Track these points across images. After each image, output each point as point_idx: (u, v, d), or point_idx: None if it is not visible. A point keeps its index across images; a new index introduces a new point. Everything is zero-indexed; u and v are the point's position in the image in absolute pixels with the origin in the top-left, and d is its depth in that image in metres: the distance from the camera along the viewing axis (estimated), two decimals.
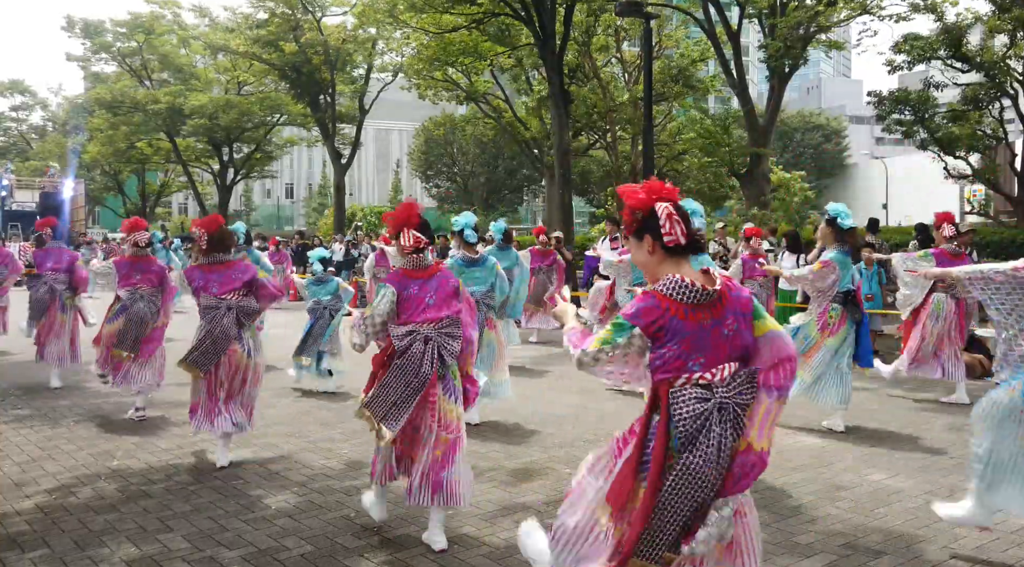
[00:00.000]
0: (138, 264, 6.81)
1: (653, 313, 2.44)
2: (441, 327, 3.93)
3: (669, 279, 2.47)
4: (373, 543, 4.05)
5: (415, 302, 3.91)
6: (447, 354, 3.91)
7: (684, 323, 2.42)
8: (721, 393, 2.42)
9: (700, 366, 2.44)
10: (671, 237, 2.49)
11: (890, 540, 4.04)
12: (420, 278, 3.96)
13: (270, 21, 30.75)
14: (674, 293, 2.44)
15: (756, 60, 45.46)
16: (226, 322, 5.23)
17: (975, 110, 15.88)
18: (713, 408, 2.40)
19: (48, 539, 4.13)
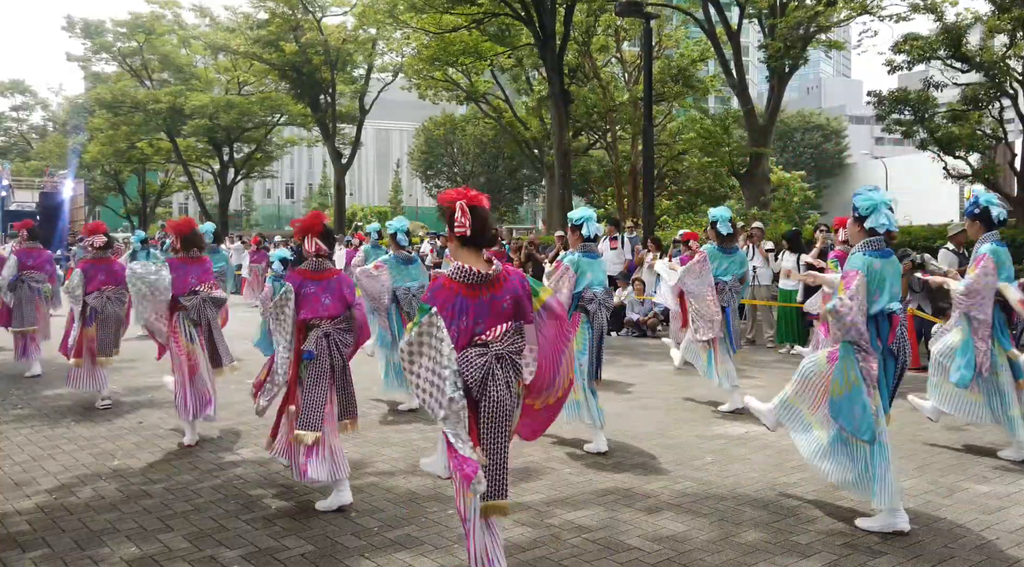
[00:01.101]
0: (100, 265, 7.32)
1: (440, 294, 3.15)
2: (336, 323, 4.53)
3: (456, 266, 3.18)
4: (373, 543, 4.05)
5: (312, 300, 4.47)
6: (343, 346, 4.54)
7: (467, 299, 3.14)
8: (496, 347, 3.16)
9: (482, 329, 3.17)
10: (460, 229, 3.17)
11: (890, 540, 4.04)
12: (318, 279, 4.52)
13: (270, 21, 30.75)
14: (458, 276, 3.15)
15: (756, 60, 45.47)
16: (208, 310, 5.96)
17: (975, 110, 15.86)
18: (492, 357, 3.14)
19: (48, 539, 4.14)
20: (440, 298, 3.13)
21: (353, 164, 36.27)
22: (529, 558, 3.86)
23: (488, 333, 3.18)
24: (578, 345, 5.64)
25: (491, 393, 3.15)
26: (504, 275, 3.24)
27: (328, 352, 4.45)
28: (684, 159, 26.51)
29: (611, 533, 4.16)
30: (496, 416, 3.20)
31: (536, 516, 4.40)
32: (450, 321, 3.10)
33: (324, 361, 4.44)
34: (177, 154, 37.74)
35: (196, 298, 5.95)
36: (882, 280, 4.19)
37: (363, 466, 5.38)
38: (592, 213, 5.86)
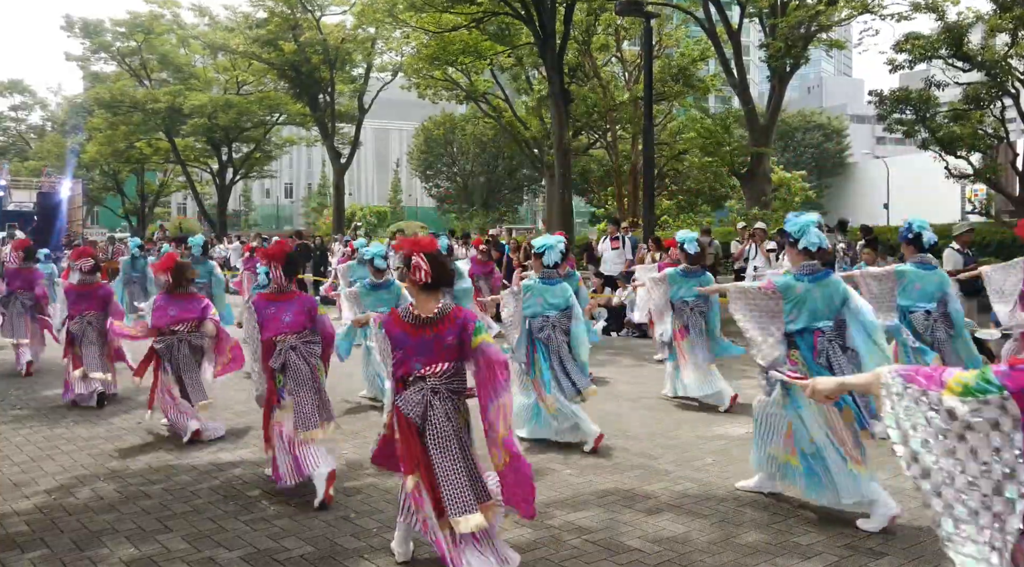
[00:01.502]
0: (84, 292, 7.49)
1: (394, 329, 3.61)
2: (301, 337, 4.89)
3: (404, 308, 3.67)
4: (373, 544, 4.04)
5: (273, 320, 4.85)
6: (310, 355, 4.87)
7: (409, 336, 3.58)
8: (432, 382, 3.54)
9: (420, 365, 3.56)
10: (416, 278, 3.58)
11: (890, 540, 4.03)
12: (278, 301, 4.91)
13: (269, 20, 30.72)
14: (405, 316, 3.62)
15: (757, 59, 45.48)
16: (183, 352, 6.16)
17: (976, 109, 15.86)
18: (428, 391, 3.52)
19: (47, 539, 4.12)
20: (387, 328, 3.64)
21: (352, 164, 36.24)
22: (529, 559, 3.84)
23: (426, 369, 3.55)
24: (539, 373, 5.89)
25: (432, 420, 3.51)
26: (454, 314, 3.60)
27: (297, 364, 4.79)
28: (684, 159, 26.47)
29: (611, 534, 4.14)
30: (440, 439, 3.52)
31: (536, 517, 4.39)
32: (392, 349, 3.62)
33: (301, 368, 4.78)
34: (176, 154, 37.71)
35: (172, 338, 6.14)
36: (802, 302, 4.41)
37: (363, 467, 5.36)
38: (554, 242, 6.05)
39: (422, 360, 3.55)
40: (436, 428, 3.51)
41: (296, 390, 4.76)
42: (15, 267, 9.46)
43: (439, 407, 3.51)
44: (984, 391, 1.97)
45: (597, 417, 6.85)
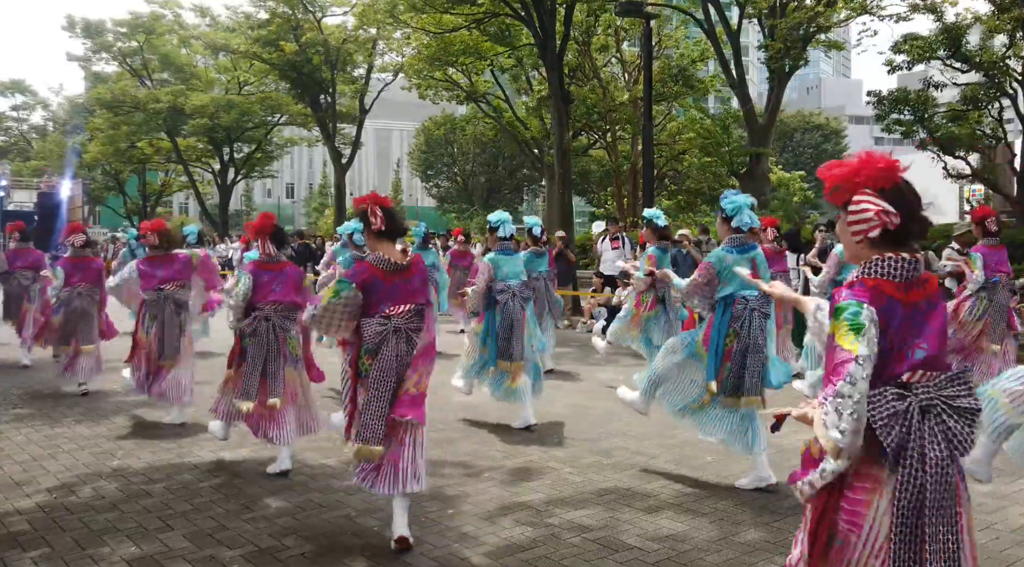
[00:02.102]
0: (79, 264, 7.78)
1: (363, 275, 3.88)
2: (279, 311, 5.15)
3: (374, 255, 3.94)
4: (373, 542, 4.06)
5: (264, 288, 5.15)
6: (282, 331, 5.13)
7: (383, 282, 3.87)
8: (396, 321, 3.86)
9: (387, 307, 3.87)
10: (376, 225, 3.90)
11: None
12: (271, 270, 5.20)
13: (271, 21, 30.72)
14: (377, 263, 3.90)
15: (756, 60, 45.48)
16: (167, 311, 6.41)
17: (974, 110, 15.85)
18: (390, 330, 3.86)
19: (49, 538, 4.14)
20: (360, 279, 3.88)
21: (353, 164, 36.23)
22: (529, 558, 3.86)
23: (391, 310, 3.89)
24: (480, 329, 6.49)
25: (383, 353, 3.85)
26: (418, 260, 4.04)
27: (266, 334, 5.06)
28: (684, 159, 26.47)
29: (611, 533, 4.16)
30: (383, 371, 3.84)
31: (536, 516, 4.41)
32: (365, 297, 3.88)
33: (263, 341, 5.04)
34: (177, 154, 37.71)
35: (159, 295, 6.41)
36: (731, 271, 4.93)
37: None
38: (507, 216, 6.73)
39: (389, 303, 3.88)
40: (382, 362, 3.83)
41: (254, 359, 5.02)
42: (13, 248, 9.56)
43: (393, 344, 3.85)
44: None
45: (597, 416, 6.88)
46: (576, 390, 8.07)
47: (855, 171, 2.16)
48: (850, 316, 2.04)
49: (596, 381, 8.59)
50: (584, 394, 7.89)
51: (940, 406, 2.06)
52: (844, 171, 2.18)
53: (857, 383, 1.97)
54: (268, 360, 5.06)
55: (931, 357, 2.10)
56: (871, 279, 2.10)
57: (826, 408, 1.99)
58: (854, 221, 2.15)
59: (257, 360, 5.04)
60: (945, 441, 2.04)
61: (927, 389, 2.07)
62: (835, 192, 2.20)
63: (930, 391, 2.07)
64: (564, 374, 9.03)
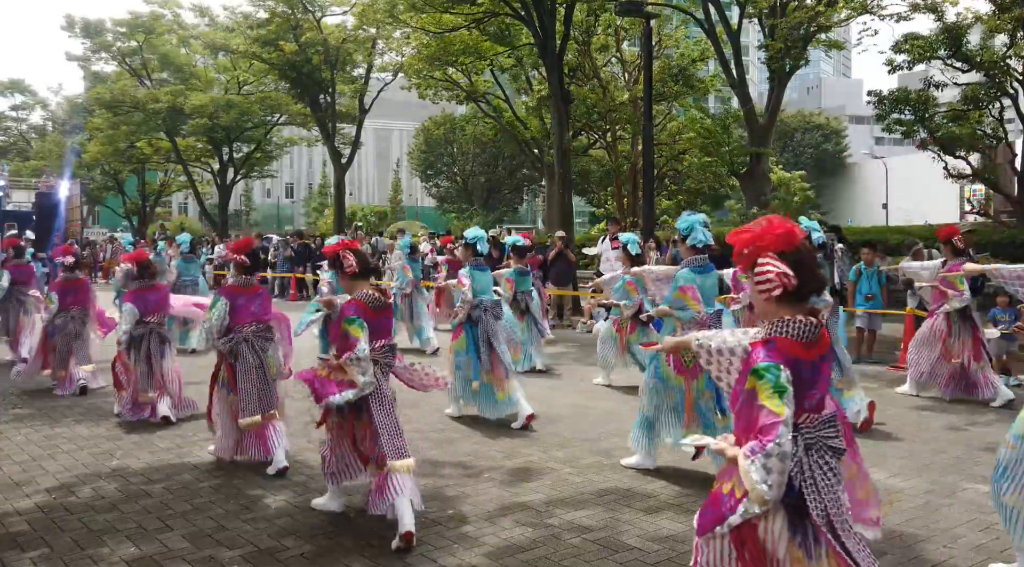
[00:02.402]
0: (69, 288, 8.03)
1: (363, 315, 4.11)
2: (257, 331, 5.38)
3: (366, 293, 4.20)
4: (373, 543, 4.05)
5: (243, 310, 5.35)
6: (260, 350, 5.34)
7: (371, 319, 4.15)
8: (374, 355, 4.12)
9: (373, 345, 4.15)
10: (351, 268, 4.23)
11: (890, 540, 4.03)
12: (247, 293, 5.43)
13: (270, 20, 30.68)
14: (368, 301, 4.18)
15: (756, 60, 45.44)
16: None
17: (975, 110, 15.84)
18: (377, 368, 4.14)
19: (48, 538, 4.14)
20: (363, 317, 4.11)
21: (353, 164, 36.19)
22: (529, 558, 3.85)
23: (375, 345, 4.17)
24: (460, 346, 6.67)
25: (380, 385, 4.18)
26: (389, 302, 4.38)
27: (249, 353, 5.30)
28: (684, 159, 26.44)
29: (611, 533, 4.15)
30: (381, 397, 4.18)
31: (536, 516, 4.40)
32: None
33: (249, 359, 5.28)
34: (177, 154, 37.68)
35: (144, 329, 6.68)
36: (703, 290, 5.17)
37: None
38: (483, 233, 6.93)
39: (374, 340, 4.17)
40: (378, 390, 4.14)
41: (242, 378, 5.26)
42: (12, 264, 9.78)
43: (380, 378, 4.17)
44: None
45: (597, 416, 6.87)
46: (576, 390, 8.07)
47: (759, 236, 2.44)
48: (772, 378, 2.27)
49: (596, 381, 8.58)
50: (584, 394, 7.88)
51: (820, 444, 2.39)
52: (749, 236, 2.45)
53: (784, 445, 2.21)
54: (257, 377, 5.30)
55: (819, 403, 2.43)
56: (781, 339, 2.35)
57: (755, 463, 2.23)
58: (759, 282, 2.42)
59: (248, 377, 5.26)
60: (830, 471, 2.38)
61: (810, 429, 2.40)
62: (742, 256, 2.47)
63: (812, 432, 2.40)
64: (564, 374, 9.02)
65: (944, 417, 6.88)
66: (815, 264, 2.47)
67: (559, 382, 8.55)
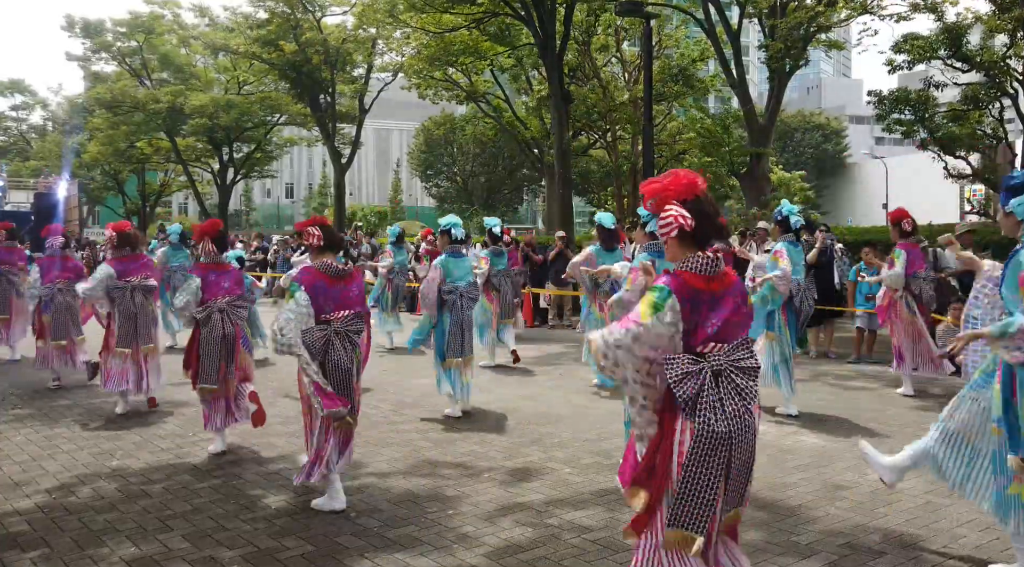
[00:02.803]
0: (55, 262, 8.29)
1: (309, 280, 4.37)
2: (232, 302, 5.79)
3: (321, 262, 4.48)
4: (373, 543, 4.05)
5: (215, 286, 5.74)
6: (237, 319, 5.79)
7: (328, 286, 4.41)
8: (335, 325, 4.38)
9: (329, 311, 4.40)
10: (311, 243, 4.56)
11: (890, 540, 4.04)
12: (218, 270, 5.84)
13: (270, 21, 30.68)
14: (323, 268, 4.46)
15: (756, 60, 45.45)
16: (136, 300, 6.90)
17: (975, 110, 15.86)
18: (331, 332, 4.36)
19: (48, 538, 4.13)
20: (307, 282, 4.35)
21: (353, 164, 36.20)
22: (529, 558, 3.85)
23: (332, 314, 4.39)
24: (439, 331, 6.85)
25: (331, 356, 4.35)
26: (355, 273, 4.63)
27: (221, 322, 5.65)
28: (684, 159, 26.42)
29: (611, 533, 4.15)
30: (337, 371, 4.36)
31: (536, 516, 4.40)
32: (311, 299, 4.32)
33: (218, 329, 5.62)
34: (177, 154, 37.68)
35: (127, 286, 6.86)
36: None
37: (362, 466, 5.38)
38: (458, 220, 7.13)
39: (331, 306, 4.39)
40: (332, 362, 4.35)
41: (205, 345, 5.59)
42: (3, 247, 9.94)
43: (338, 345, 4.37)
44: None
45: (597, 416, 6.87)
46: (576, 390, 8.06)
47: (665, 187, 2.70)
48: (656, 295, 2.58)
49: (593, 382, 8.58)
50: (584, 394, 7.88)
51: (729, 369, 2.61)
52: (657, 187, 2.72)
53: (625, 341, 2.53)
54: (221, 347, 5.62)
55: (722, 332, 2.63)
56: (682, 272, 2.64)
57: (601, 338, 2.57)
58: (662, 225, 2.68)
59: (211, 346, 5.60)
60: (738, 395, 2.60)
61: (718, 357, 2.60)
62: (652, 204, 2.73)
63: (720, 358, 2.60)
64: (564, 374, 9.02)
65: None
66: (715, 211, 2.71)
67: (559, 382, 8.55)
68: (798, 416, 6.69)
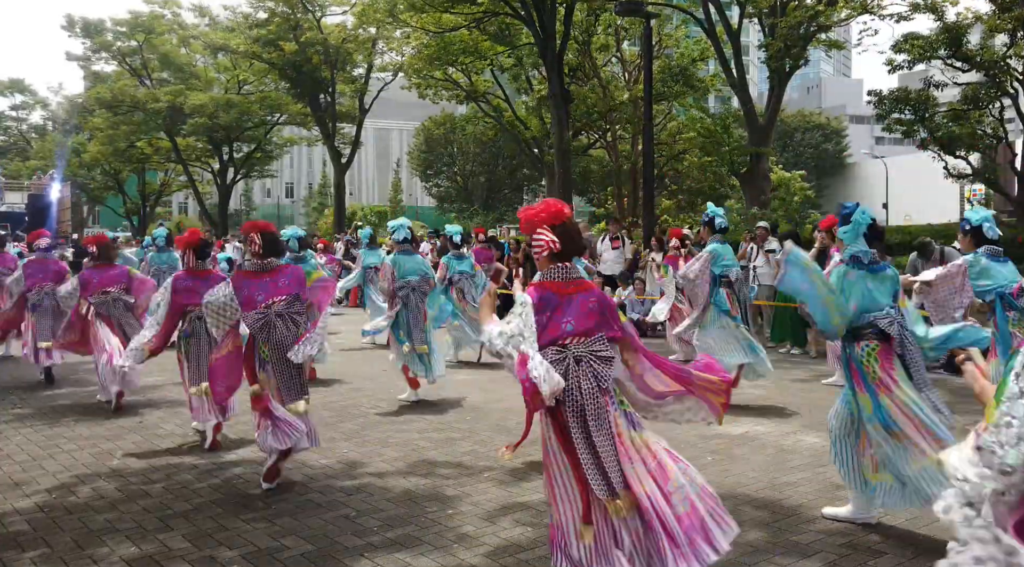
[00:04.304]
0: (39, 265, 8.46)
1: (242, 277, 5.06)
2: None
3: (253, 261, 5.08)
4: (373, 543, 4.05)
5: (191, 292, 5.76)
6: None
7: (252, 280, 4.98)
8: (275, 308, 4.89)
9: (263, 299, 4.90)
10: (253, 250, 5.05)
11: (890, 540, 4.03)
12: (196, 276, 5.93)
13: (270, 20, 30.71)
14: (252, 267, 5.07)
15: (756, 59, 45.43)
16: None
17: (975, 109, 15.83)
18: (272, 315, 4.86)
19: (48, 538, 4.13)
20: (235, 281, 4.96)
21: (353, 163, 36.22)
22: (529, 558, 3.85)
23: (268, 300, 4.88)
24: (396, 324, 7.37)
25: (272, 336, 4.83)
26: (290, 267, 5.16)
27: (203, 332, 5.77)
28: (684, 159, 26.46)
29: None
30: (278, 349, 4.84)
31: (536, 516, 4.40)
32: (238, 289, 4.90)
33: (203, 338, 5.80)
34: (177, 153, 37.69)
35: (106, 298, 7.24)
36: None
37: (362, 466, 5.37)
38: (405, 221, 7.75)
39: (263, 295, 4.88)
40: (274, 341, 4.80)
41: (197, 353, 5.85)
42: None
43: (280, 326, 4.81)
44: None
45: None
46: None
47: (536, 213, 3.27)
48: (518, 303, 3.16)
49: None
50: None
51: (588, 357, 3.13)
52: (530, 213, 3.29)
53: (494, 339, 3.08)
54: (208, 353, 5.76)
55: (580, 329, 3.17)
56: (544, 281, 3.23)
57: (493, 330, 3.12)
58: (535, 246, 3.23)
59: (201, 353, 5.83)
60: (593, 377, 3.11)
61: (578, 348, 3.14)
62: (527, 226, 3.31)
63: (580, 349, 3.14)
64: None
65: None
66: (577, 234, 3.33)
67: None
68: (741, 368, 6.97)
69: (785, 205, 23.99)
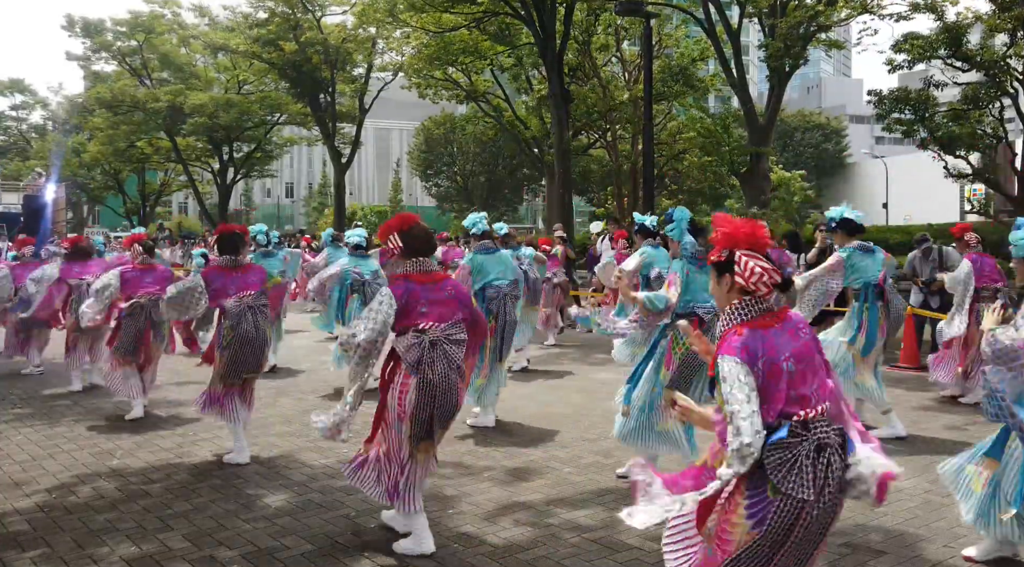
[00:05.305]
0: (27, 268, 8.73)
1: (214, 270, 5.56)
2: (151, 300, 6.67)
3: (219, 259, 5.56)
4: (373, 542, 4.05)
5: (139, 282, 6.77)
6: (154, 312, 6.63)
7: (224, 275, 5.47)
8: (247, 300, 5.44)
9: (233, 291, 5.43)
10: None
11: (890, 540, 4.04)
12: (145, 270, 6.90)
13: (270, 20, 30.69)
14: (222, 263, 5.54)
15: (756, 59, 45.44)
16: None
17: (975, 109, 15.81)
18: (244, 306, 5.39)
19: (48, 538, 4.13)
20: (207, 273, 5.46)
21: (353, 163, 36.20)
22: (529, 558, 3.85)
23: (240, 294, 5.39)
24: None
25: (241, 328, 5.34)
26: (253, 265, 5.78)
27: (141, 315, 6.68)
28: (684, 158, 26.45)
29: (611, 532, 4.15)
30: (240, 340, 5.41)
31: (536, 516, 4.40)
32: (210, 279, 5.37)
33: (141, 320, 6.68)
34: (177, 153, 37.69)
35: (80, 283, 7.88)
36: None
37: None
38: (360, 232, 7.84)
39: (233, 289, 5.37)
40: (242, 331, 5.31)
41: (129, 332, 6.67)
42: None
43: (249, 316, 5.35)
44: None
45: (597, 416, 6.87)
46: (576, 390, 8.06)
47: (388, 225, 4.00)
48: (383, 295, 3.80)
49: (596, 381, 8.58)
50: (584, 394, 7.88)
51: (443, 340, 3.81)
52: (383, 226, 4.02)
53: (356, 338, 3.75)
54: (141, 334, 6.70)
55: (440, 314, 3.85)
56: (407, 274, 3.92)
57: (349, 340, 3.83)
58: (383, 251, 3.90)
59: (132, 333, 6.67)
60: (446, 359, 3.80)
61: (435, 332, 3.80)
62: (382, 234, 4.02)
63: (436, 333, 3.81)
64: (564, 374, 9.02)
65: (944, 417, 6.88)
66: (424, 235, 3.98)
67: (559, 382, 8.55)
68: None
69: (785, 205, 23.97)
